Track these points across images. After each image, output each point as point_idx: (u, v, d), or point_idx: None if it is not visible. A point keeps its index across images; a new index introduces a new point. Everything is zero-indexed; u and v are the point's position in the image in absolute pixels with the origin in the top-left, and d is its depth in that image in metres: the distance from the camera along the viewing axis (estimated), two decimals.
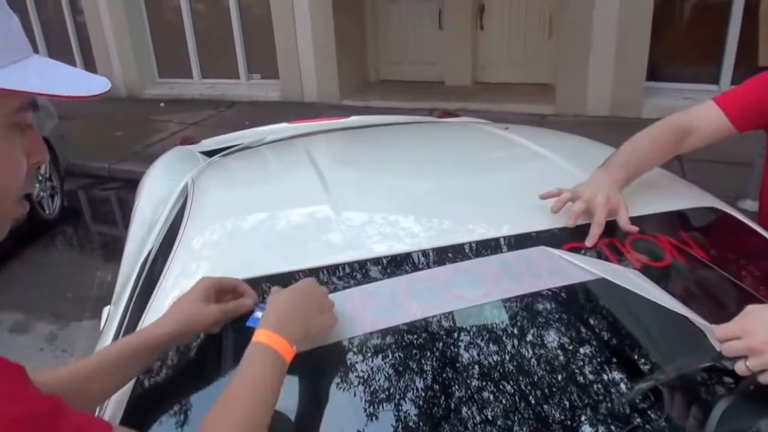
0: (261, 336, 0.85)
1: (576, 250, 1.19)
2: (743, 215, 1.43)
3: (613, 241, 1.22)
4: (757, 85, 1.41)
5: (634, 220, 1.24)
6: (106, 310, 1.77)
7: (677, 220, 1.38)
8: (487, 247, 1.20)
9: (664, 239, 1.25)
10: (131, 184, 4.13)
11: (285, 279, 1.16)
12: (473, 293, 1.07)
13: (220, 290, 1.01)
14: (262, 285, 1.14)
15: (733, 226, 1.39)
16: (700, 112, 1.43)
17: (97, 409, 1.00)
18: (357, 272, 1.17)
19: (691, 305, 1.00)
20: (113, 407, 0.99)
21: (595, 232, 1.20)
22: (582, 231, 1.22)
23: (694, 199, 1.47)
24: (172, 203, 1.87)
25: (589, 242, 1.19)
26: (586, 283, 1.10)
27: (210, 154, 2.70)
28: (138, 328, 1.14)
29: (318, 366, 0.98)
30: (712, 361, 0.95)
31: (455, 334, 1.05)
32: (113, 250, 4.34)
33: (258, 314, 0.95)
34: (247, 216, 1.47)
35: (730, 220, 1.40)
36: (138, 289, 1.44)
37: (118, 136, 6.50)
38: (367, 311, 1.02)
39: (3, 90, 0.63)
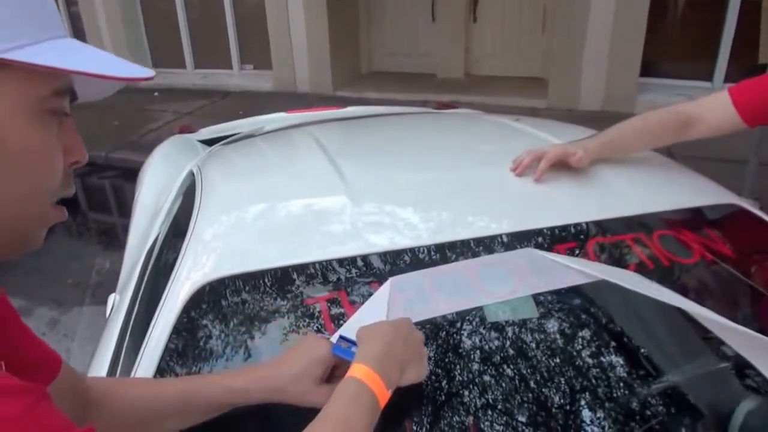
0: (359, 372, 0.73)
1: (599, 243, 1.19)
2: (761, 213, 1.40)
3: (640, 237, 1.22)
4: None
5: (656, 217, 1.24)
6: (111, 297, 1.76)
7: (700, 216, 1.37)
8: (513, 240, 1.18)
9: (690, 235, 1.24)
10: (128, 172, 4.14)
11: (307, 270, 1.13)
12: (501, 288, 1.05)
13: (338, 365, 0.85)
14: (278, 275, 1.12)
15: (754, 222, 1.37)
16: (710, 103, 1.40)
17: None
18: (381, 264, 1.14)
19: (718, 302, 0.99)
20: None
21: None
22: (601, 227, 1.22)
23: (712, 195, 1.45)
24: (176, 191, 1.86)
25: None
26: (610, 283, 1.06)
27: (209, 142, 2.70)
28: (152, 324, 1.10)
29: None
30: (733, 362, 0.95)
31: (487, 329, 1.05)
32: (111, 237, 4.43)
33: (343, 344, 0.83)
34: (261, 206, 1.42)
35: (750, 217, 1.38)
36: (146, 277, 1.43)
37: (114, 125, 6.50)
38: (397, 305, 0.99)
39: (38, 67, 0.52)
